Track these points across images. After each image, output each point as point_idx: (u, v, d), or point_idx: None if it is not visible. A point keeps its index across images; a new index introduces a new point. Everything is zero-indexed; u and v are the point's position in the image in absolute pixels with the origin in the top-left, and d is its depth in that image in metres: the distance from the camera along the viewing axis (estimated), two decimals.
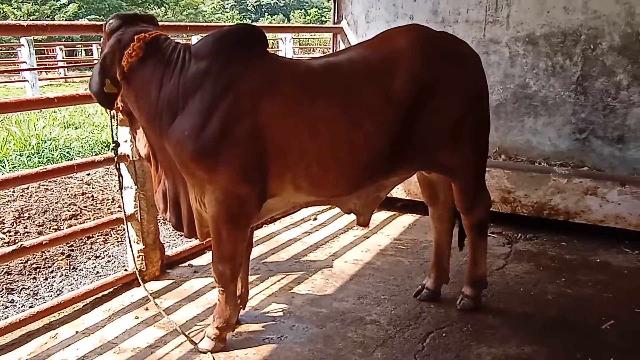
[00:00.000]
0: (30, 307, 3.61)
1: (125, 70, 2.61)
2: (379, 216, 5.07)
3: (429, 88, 2.79)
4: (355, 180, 2.83)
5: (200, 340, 2.95)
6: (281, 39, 17.77)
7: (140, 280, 3.27)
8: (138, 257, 3.68)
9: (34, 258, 4.37)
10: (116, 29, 2.67)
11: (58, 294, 3.84)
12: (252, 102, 2.59)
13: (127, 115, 2.84)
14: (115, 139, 3.00)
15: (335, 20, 5.64)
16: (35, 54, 17.23)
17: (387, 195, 5.02)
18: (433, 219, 3.42)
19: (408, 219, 5.03)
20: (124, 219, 3.35)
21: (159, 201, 2.97)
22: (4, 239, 4.78)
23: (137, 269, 3.34)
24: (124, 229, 4.29)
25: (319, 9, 52.63)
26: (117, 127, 2.99)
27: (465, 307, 3.34)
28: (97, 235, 4.80)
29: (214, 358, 2.85)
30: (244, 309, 3.22)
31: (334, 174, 2.74)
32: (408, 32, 2.92)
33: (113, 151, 3.04)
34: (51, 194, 5.97)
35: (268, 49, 2.77)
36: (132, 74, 2.62)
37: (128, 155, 3.48)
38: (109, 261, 4.41)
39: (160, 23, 2.95)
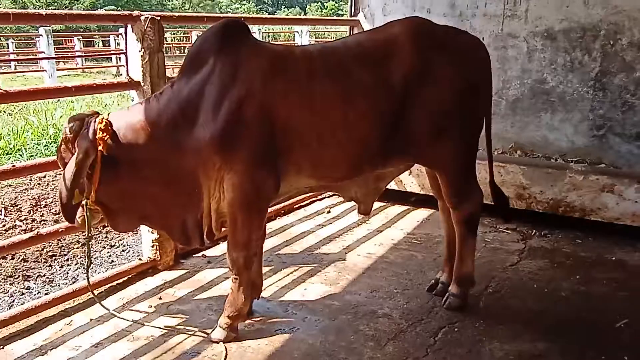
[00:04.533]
0: (46, 294, 3.64)
1: (105, 153, 2.68)
2: (392, 210, 5.06)
3: (419, 77, 2.84)
4: (351, 161, 2.89)
5: (213, 330, 2.98)
6: (297, 31, 17.77)
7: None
8: (152, 246, 3.72)
9: (50, 246, 4.42)
10: (79, 130, 2.72)
11: (73, 282, 3.88)
12: (254, 84, 2.70)
13: (99, 204, 2.85)
14: (90, 234, 2.89)
15: (352, 13, 5.62)
16: (54, 44, 17.37)
17: (402, 190, 5.05)
18: (443, 212, 3.41)
19: (422, 213, 5.01)
20: None
21: (181, 238, 3.02)
22: (21, 226, 4.84)
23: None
24: None
25: (336, 2, 52.43)
26: (90, 220, 2.88)
27: (451, 305, 3.27)
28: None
29: (226, 348, 2.87)
30: (258, 299, 3.24)
31: (333, 153, 2.83)
32: (405, 23, 3.00)
33: (86, 242, 2.94)
34: None
35: (254, 37, 2.88)
36: (110, 150, 2.70)
37: None
38: (123, 250, 4.45)
39: (178, 14, 2.98)
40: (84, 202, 2.80)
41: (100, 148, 2.68)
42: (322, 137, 2.78)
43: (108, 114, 2.80)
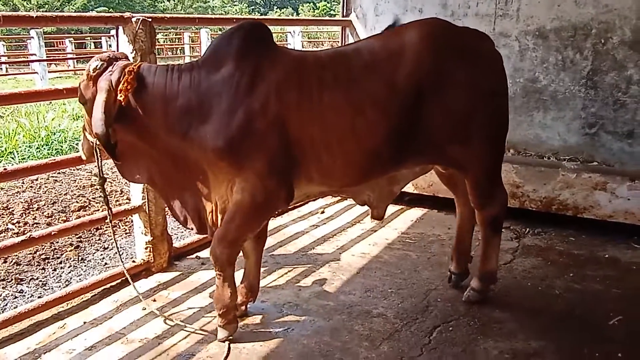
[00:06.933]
0: (39, 297, 3.63)
1: (123, 104, 2.62)
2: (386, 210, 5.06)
3: (437, 81, 2.78)
4: (362, 169, 2.85)
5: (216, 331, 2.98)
6: (290, 32, 17.79)
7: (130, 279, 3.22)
8: (146, 248, 3.70)
9: (43, 249, 4.40)
10: (103, 71, 2.67)
11: (66, 285, 3.86)
12: (270, 98, 2.63)
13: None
14: (102, 175, 2.92)
15: (344, 14, 5.62)
16: (45, 47, 17.31)
17: None
18: (458, 205, 3.48)
19: (416, 212, 5.02)
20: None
21: (178, 216, 2.98)
22: (14, 229, 4.81)
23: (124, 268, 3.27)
24: (132, 221, 4.29)
25: (328, 2, 52.44)
26: (101, 163, 2.90)
27: (471, 299, 3.34)
28: (106, 227, 4.82)
29: (229, 347, 2.88)
30: (254, 301, 3.23)
31: (342, 163, 2.78)
32: (421, 26, 2.91)
33: (100, 187, 2.96)
34: (60, 185, 6.01)
35: (275, 43, 2.81)
36: (129, 105, 2.65)
37: None
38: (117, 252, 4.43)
39: (170, 16, 2.94)
40: (94, 142, 2.77)
41: (120, 97, 2.61)
42: (330, 147, 2.73)
43: (139, 66, 2.71)
